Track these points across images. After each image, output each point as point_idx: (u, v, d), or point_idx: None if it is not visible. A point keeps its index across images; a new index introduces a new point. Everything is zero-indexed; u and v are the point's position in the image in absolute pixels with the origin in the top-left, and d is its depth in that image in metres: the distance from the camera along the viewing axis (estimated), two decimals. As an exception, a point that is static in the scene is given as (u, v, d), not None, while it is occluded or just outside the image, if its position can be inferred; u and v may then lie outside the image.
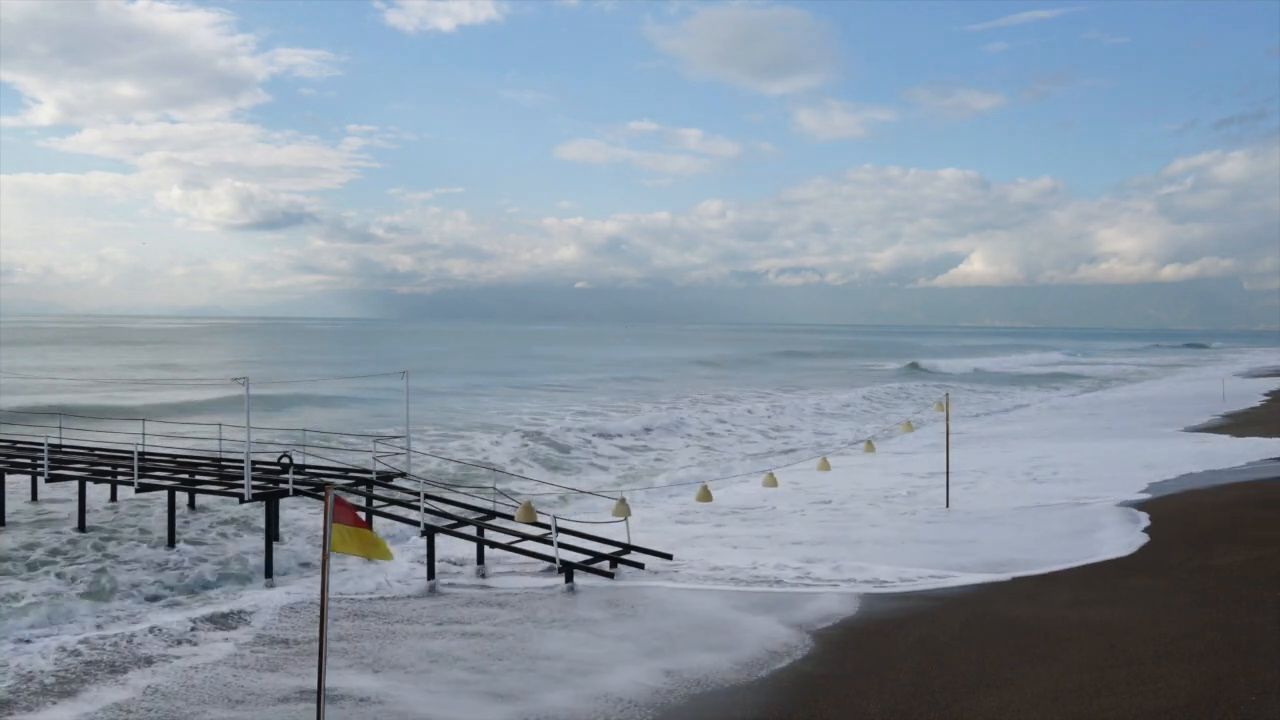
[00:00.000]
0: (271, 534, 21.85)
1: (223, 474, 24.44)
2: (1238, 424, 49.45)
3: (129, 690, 13.26)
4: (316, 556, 21.97)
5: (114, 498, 26.65)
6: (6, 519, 24.82)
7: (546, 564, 20.15)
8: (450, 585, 19.53)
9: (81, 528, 23.59)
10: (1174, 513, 24.42)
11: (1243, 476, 30.83)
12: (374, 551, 10.40)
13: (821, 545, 22.68)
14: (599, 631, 15.91)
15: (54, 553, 21.80)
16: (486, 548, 21.60)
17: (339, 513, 10.17)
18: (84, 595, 18.72)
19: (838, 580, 19.00)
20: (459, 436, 43.33)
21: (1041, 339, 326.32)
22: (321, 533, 10.87)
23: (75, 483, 24.13)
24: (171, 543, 22.33)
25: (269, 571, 20.80)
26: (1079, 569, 19.22)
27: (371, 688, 13.25)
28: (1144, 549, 20.63)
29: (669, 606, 17.33)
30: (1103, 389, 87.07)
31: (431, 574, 20.16)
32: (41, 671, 14.01)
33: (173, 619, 16.74)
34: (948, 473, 28.34)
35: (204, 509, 26.56)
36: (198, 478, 24.18)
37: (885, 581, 18.75)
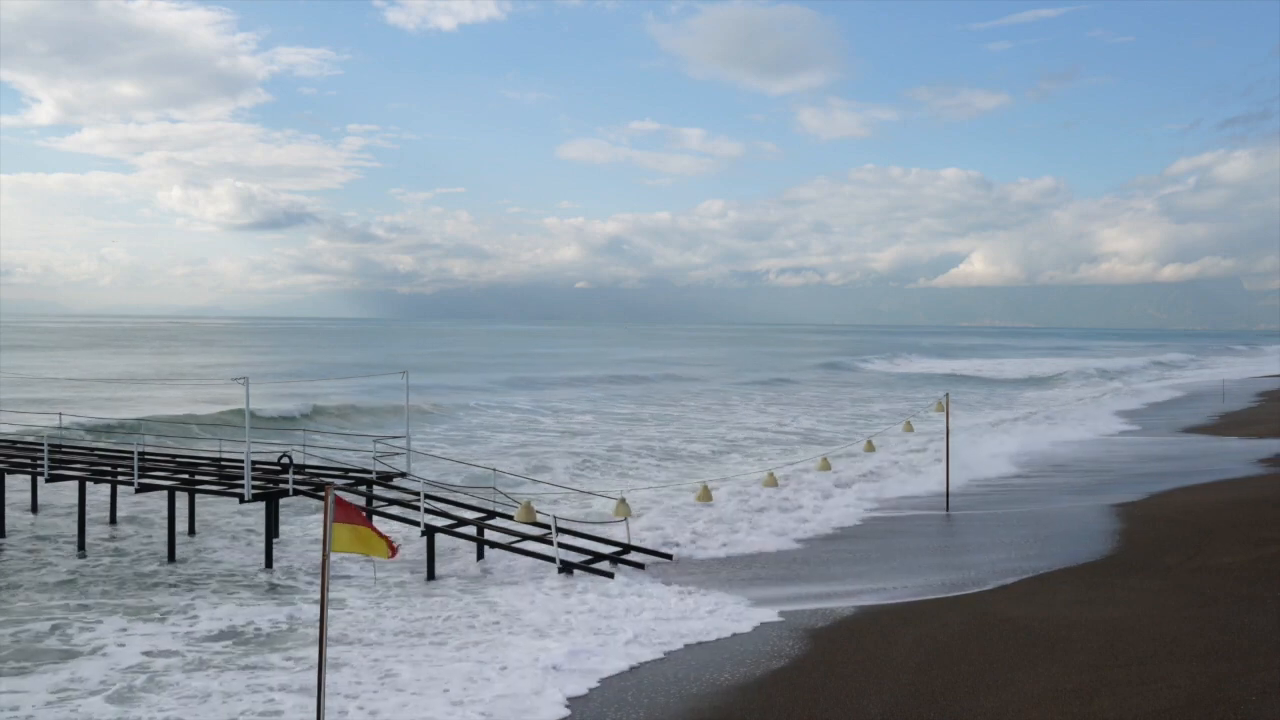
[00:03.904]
0: (271, 533, 21.87)
1: (223, 474, 24.43)
2: (1235, 424, 49.45)
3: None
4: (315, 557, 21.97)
5: (114, 498, 26.58)
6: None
7: (547, 563, 20.17)
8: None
9: (81, 548, 23.15)
10: (1172, 512, 24.44)
11: (1241, 476, 30.85)
12: (373, 549, 10.28)
13: (819, 545, 22.72)
14: (599, 628, 15.91)
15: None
16: (486, 548, 21.62)
17: (340, 512, 10.12)
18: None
19: (837, 583, 19.02)
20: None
21: (1042, 339, 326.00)
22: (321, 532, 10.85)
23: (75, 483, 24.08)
24: (171, 557, 22.14)
25: (268, 565, 20.79)
26: (1079, 569, 19.22)
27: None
28: (1143, 549, 20.63)
29: (667, 607, 17.32)
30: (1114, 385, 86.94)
31: (431, 574, 20.18)
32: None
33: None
34: (948, 474, 28.34)
35: (203, 524, 26.53)
36: (197, 478, 24.16)
37: (882, 589, 18.74)
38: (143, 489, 22.87)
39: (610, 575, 19.51)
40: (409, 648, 15.19)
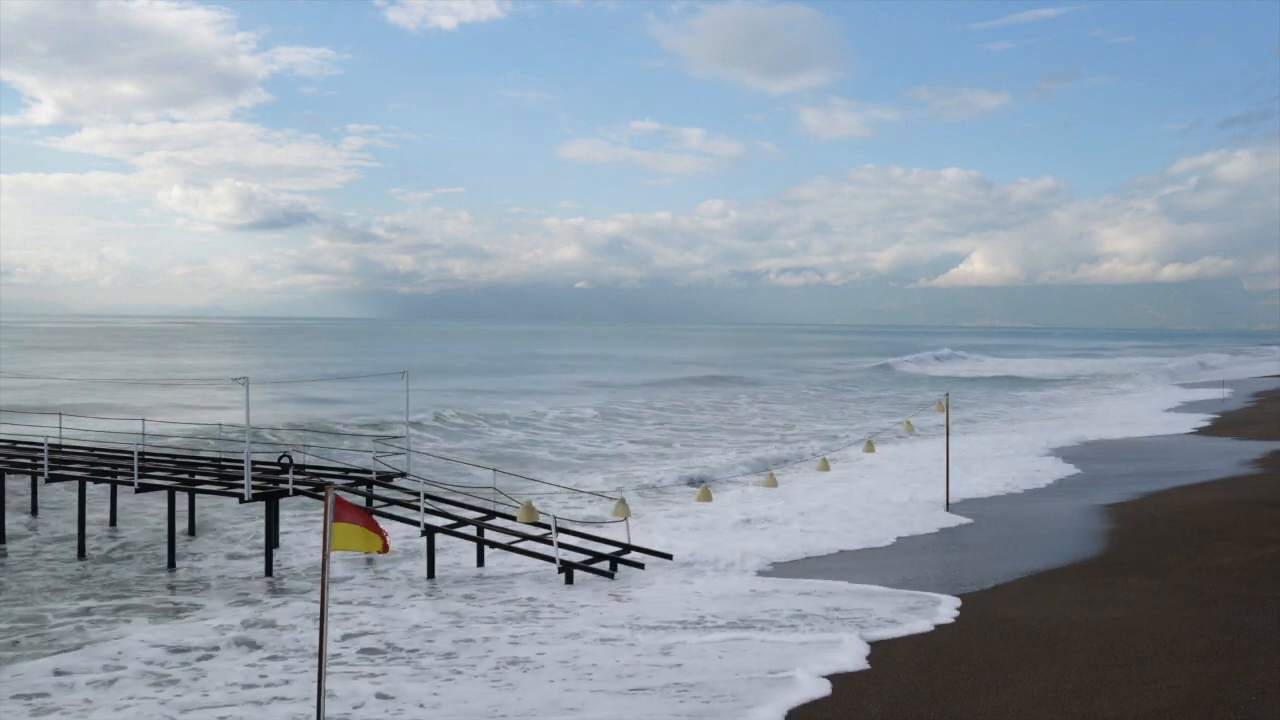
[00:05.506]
0: (271, 533, 21.87)
1: (222, 474, 24.42)
2: (1234, 424, 49.47)
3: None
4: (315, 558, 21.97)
5: (114, 498, 26.59)
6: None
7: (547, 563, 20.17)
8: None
9: (81, 549, 23.11)
10: (1172, 512, 24.45)
11: (1240, 476, 30.86)
12: (369, 545, 10.23)
13: (819, 548, 22.73)
14: (598, 619, 15.92)
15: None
16: (486, 548, 21.61)
17: (340, 511, 10.11)
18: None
19: (836, 580, 19.02)
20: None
21: (1046, 339, 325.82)
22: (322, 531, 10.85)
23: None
24: (171, 560, 22.13)
25: (268, 571, 20.82)
26: (1078, 569, 19.23)
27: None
28: (1142, 549, 20.63)
29: (668, 606, 17.33)
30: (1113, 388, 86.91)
31: (431, 574, 20.19)
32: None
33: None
34: (948, 475, 28.33)
35: (202, 528, 26.52)
36: (197, 478, 24.16)
37: (881, 588, 18.74)
38: (143, 489, 22.86)
39: (610, 575, 19.53)
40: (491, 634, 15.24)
